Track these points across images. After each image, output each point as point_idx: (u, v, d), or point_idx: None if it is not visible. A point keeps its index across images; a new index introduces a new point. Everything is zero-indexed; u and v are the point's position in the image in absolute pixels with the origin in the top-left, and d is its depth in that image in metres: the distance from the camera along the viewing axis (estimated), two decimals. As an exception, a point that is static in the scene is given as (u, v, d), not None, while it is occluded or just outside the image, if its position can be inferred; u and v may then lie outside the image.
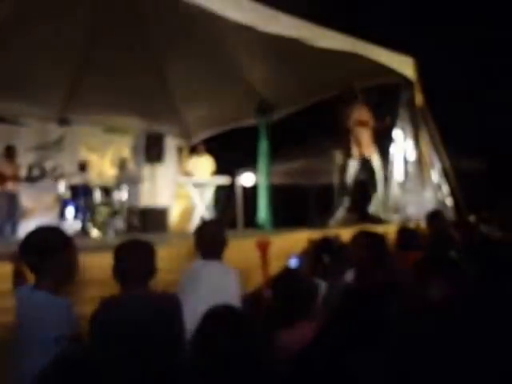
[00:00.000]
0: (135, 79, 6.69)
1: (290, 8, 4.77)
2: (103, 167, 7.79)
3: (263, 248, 2.78)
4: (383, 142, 6.27)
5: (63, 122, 7.43)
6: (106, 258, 2.12)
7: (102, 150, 7.88)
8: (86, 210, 6.06)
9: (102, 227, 5.93)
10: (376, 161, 6.00)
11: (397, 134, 6.38)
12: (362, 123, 5.93)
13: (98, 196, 6.23)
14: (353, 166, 5.94)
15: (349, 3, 9.03)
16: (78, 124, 7.58)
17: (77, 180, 6.48)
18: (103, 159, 7.86)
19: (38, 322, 1.74)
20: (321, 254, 2.72)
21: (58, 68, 6.23)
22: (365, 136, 5.95)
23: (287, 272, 2.43)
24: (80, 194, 6.20)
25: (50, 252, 1.83)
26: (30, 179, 6.61)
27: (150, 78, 6.90)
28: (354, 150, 5.92)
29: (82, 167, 6.67)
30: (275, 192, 6.98)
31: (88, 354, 1.21)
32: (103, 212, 6.05)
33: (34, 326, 1.73)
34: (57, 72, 6.32)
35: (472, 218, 5.81)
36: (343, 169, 6.08)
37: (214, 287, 2.24)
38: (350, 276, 2.60)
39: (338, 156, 6.95)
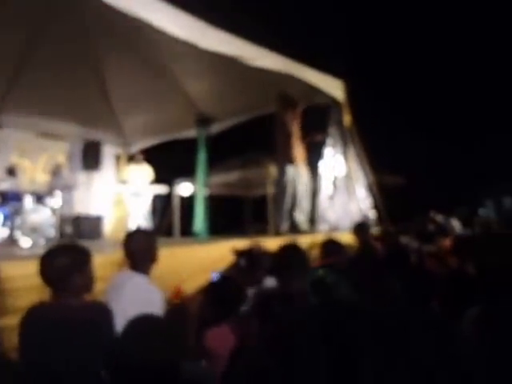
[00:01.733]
0: (73, 85, 6.61)
1: (232, 25, 4.98)
2: (36, 173, 7.55)
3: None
4: (313, 157, 6.64)
5: (-6, 125, 7.14)
6: (34, 267, 2.07)
7: (35, 156, 7.63)
8: (15, 217, 5.86)
9: (31, 235, 5.75)
10: (302, 173, 6.22)
11: (327, 150, 6.81)
12: (292, 133, 6.14)
13: (28, 202, 6.04)
14: (290, 171, 6.06)
15: (288, 25, 9.47)
16: (10, 128, 7.29)
17: (6, 185, 6.24)
18: (36, 165, 7.61)
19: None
20: (238, 259, 2.95)
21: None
22: (295, 146, 6.15)
23: (220, 279, 2.61)
24: (9, 199, 5.99)
25: None
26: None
27: (89, 85, 6.83)
28: (290, 157, 6.07)
29: (11, 172, 6.43)
30: (212, 202, 7.16)
31: None
32: (33, 219, 5.87)
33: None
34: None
35: (392, 230, 6.31)
36: (281, 177, 6.13)
37: (135, 302, 2.16)
38: (270, 282, 2.80)
39: (272, 167, 7.19)
